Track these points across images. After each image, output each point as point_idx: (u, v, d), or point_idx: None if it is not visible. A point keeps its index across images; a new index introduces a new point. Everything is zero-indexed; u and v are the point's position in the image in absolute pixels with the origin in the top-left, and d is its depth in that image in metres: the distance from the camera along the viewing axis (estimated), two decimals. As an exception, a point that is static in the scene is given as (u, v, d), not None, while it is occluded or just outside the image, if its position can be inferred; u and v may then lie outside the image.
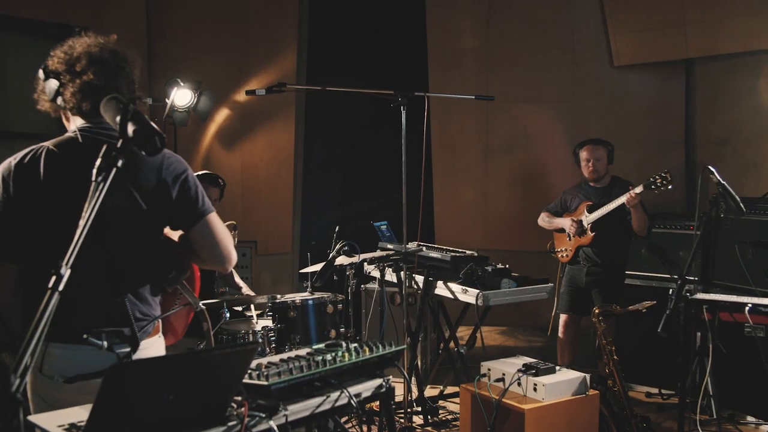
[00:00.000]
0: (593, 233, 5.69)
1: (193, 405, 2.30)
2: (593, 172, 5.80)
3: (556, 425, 4.05)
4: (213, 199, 5.71)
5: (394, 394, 3.41)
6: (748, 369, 4.90)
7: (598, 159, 5.80)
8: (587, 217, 5.71)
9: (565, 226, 5.85)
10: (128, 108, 2.08)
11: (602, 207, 5.61)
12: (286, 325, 4.93)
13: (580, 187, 6.00)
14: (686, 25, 6.76)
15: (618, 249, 5.76)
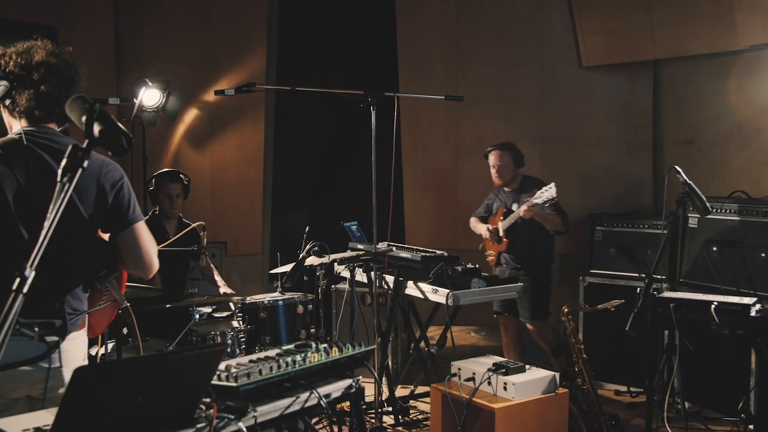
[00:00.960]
0: (507, 240, 5.82)
1: (162, 407, 2.28)
2: (498, 178, 5.95)
3: (526, 424, 4.07)
4: (175, 194, 5.70)
5: (364, 394, 3.41)
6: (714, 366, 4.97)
7: (501, 165, 5.90)
8: (502, 223, 5.80)
9: (483, 233, 6.00)
10: (94, 108, 2.07)
11: (511, 215, 5.75)
12: (256, 326, 4.91)
13: (499, 190, 6.11)
14: (653, 26, 6.82)
15: (537, 251, 5.86)
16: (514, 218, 5.68)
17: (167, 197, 5.69)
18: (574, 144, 7.50)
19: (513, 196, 5.95)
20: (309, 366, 2.93)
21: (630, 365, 5.84)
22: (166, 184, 5.71)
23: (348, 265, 5.41)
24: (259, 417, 2.65)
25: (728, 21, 6.29)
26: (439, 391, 4.33)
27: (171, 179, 5.75)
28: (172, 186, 5.72)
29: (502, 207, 5.94)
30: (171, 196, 5.70)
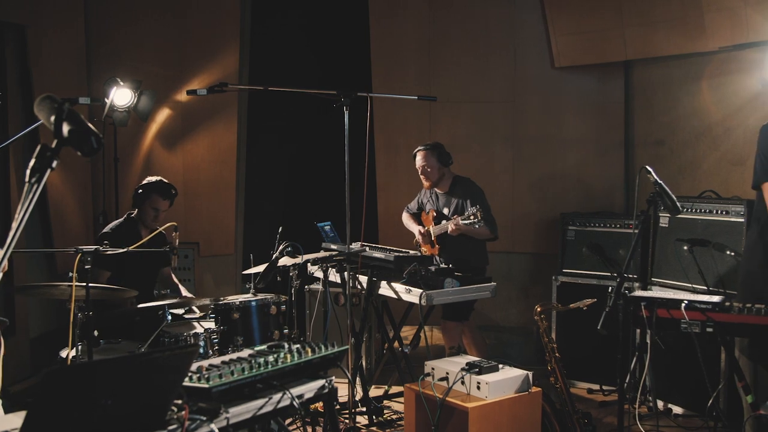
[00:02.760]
0: (439, 246, 5.85)
1: (133, 409, 2.26)
2: (425, 179, 5.93)
3: (500, 422, 4.09)
4: (162, 210, 5.63)
5: (338, 394, 3.40)
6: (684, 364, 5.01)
7: (426, 165, 5.87)
8: (433, 229, 5.84)
9: (415, 234, 6.03)
10: (63, 107, 2.04)
11: (440, 224, 5.74)
12: (228, 327, 4.88)
13: (431, 190, 6.10)
14: (624, 27, 6.87)
15: (468, 257, 5.82)
16: (443, 230, 5.69)
17: (153, 210, 5.60)
18: (547, 144, 7.54)
19: (444, 199, 5.94)
20: (281, 367, 2.92)
21: (602, 364, 5.88)
22: (158, 199, 5.60)
23: (321, 266, 5.40)
24: (231, 418, 2.64)
25: (697, 23, 6.36)
26: (413, 391, 4.33)
27: (163, 195, 5.63)
28: (163, 203, 5.63)
29: (433, 210, 5.93)
30: (158, 210, 5.61)
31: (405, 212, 6.34)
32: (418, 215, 6.20)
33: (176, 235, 5.02)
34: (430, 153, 5.88)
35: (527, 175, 7.37)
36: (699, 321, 3.33)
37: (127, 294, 4.63)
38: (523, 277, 7.30)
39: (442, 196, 5.97)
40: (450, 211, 5.81)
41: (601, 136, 7.49)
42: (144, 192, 5.59)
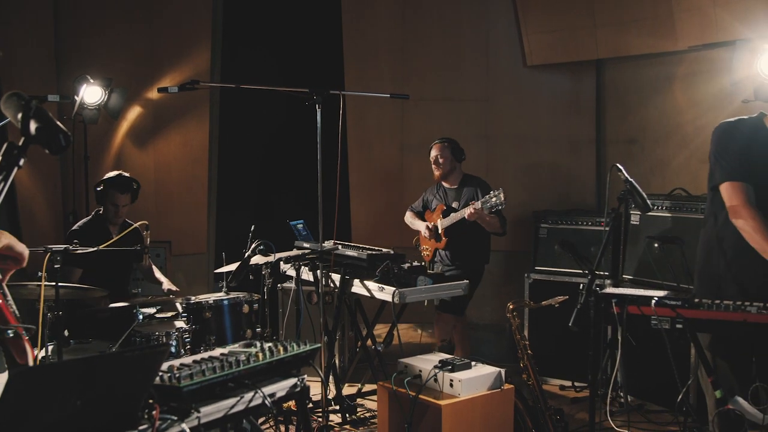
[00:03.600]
0: (446, 238, 5.90)
1: (103, 409, 2.24)
2: (437, 168, 6.08)
3: (473, 420, 4.10)
4: (122, 205, 5.58)
5: (310, 392, 3.39)
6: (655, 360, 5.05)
7: (440, 156, 6.05)
8: (441, 222, 5.86)
9: (421, 230, 6.10)
10: (30, 105, 2.02)
11: (452, 214, 5.83)
12: (201, 326, 4.86)
13: (437, 187, 6.21)
14: (596, 26, 6.92)
15: (473, 249, 5.95)
16: (456, 218, 5.73)
17: (113, 206, 5.56)
18: (519, 142, 7.57)
19: (453, 194, 6.03)
20: (253, 365, 2.91)
21: (574, 360, 5.93)
22: (115, 194, 5.56)
23: (294, 264, 5.38)
24: (202, 418, 2.63)
25: (668, 23, 6.41)
26: (386, 389, 4.33)
27: (121, 190, 5.57)
28: (121, 197, 5.58)
29: (441, 205, 6.00)
30: (117, 206, 5.57)
31: (409, 211, 6.43)
32: (422, 214, 6.29)
33: (147, 234, 4.99)
34: (445, 145, 6.08)
35: (500, 173, 7.39)
36: (669, 317, 3.36)
37: (97, 293, 4.59)
38: (496, 275, 7.33)
39: (451, 191, 6.08)
40: (460, 205, 5.88)
41: (573, 135, 7.53)
42: (103, 188, 5.56)
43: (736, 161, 3.72)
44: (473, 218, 5.59)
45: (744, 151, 3.70)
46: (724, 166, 3.72)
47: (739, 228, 3.64)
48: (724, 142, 3.75)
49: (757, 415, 3.32)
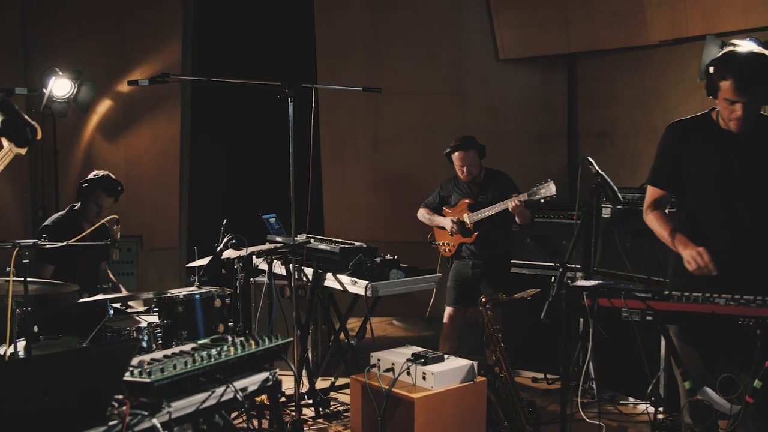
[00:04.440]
0: (476, 233, 5.75)
1: (72, 405, 2.22)
2: (468, 175, 5.80)
3: (445, 412, 4.11)
4: (105, 207, 5.52)
5: (281, 386, 3.39)
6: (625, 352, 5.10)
7: (471, 164, 5.78)
8: (470, 216, 5.75)
9: (446, 225, 5.84)
10: (-4, 97, 1.99)
11: (485, 208, 5.65)
12: (172, 321, 4.81)
13: (456, 181, 5.99)
14: (568, 20, 6.96)
15: (501, 241, 5.84)
16: (489, 212, 5.62)
17: (96, 206, 5.48)
18: (491, 136, 7.56)
19: (478, 188, 5.84)
20: (225, 360, 2.90)
21: (546, 353, 5.96)
22: (102, 196, 5.48)
23: (266, 258, 5.35)
24: (173, 413, 2.61)
25: (639, 17, 6.46)
26: (359, 383, 4.33)
27: (108, 192, 5.49)
28: (107, 199, 5.51)
29: (465, 199, 5.85)
30: (101, 207, 5.49)
31: (423, 208, 6.13)
32: (438, 210, 6.05)
33: (117, 228, 4.94)
34: (470, 152, 5.79)
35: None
36: (639, 309, 3.38)
37: (67, 288, 4.54)
38: (468, 268, 7.33)
39: (475, 186, 5.85)
40: (488, 198, 5.72)
41: (545, 128, 7.57)
42: (89, 187, 5.47)
43: (658, 164, 3.80)
44: (517, 210, 5.49)
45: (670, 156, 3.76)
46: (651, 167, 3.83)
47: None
48: (659, 144, 3.82)
49: (725, 405, 3.35)
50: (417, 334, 7.56)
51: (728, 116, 3.46)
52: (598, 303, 3.52)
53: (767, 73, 3.33)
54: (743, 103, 3.36)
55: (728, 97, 3.40)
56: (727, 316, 3.19)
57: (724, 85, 3.38)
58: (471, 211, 5.72)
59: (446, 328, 5.92)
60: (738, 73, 3.33)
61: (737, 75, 3.33)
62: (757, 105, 3.39)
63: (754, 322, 3.12)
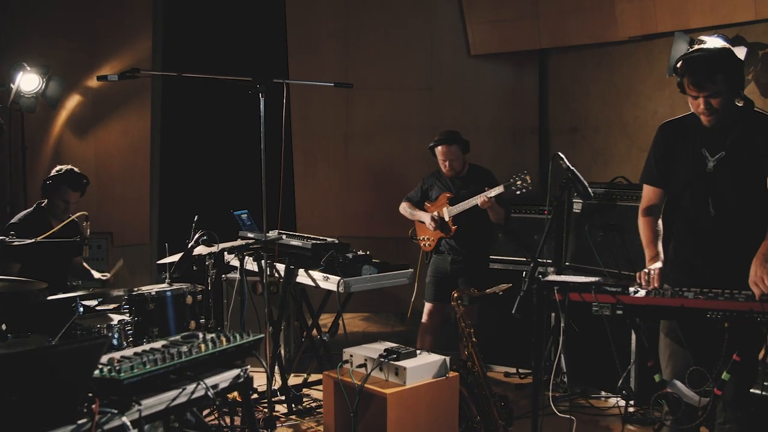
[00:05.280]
0: (455, 227, 5.76)
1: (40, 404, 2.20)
2: (450, 170, 5.82)
3: (418, 408, 4.12)
4: (72, 202, 5.47)
5: (253, 383, 3.37)
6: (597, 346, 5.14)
7: (453, 159, 5.80)
8: (449, 210, 5.76)
9: (425, 220, 5.84)
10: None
11: (462, 202, 5.66)
12: (143, 318, 4.78)
13: (439, 175, 6.01)
14: (539, 16, 6.99)
15: (480, 237, 5.85)
16: (467, 206, 5.62)
17: (63, 202, 5.43)
18: (463, 131, 7.57)
19: (460, 183, 5.84)
20: (195, 357, 2.89)
21: (518, 347, 6.00)
22: (68, 191, 5.42)
23: (238, 254, 5.33)
24: (144, 410, 2.59)
25: (609, 13, 6.51)
26: (332, 379, 4.32)
27: (73, 186, 5.43)
28: (73, 194, 5.45)
29: (446, 193, 5.86)
30: (68, 202, 5.44)
31: (405, 202, 6.11)
32: (420, 204, 6.05)
33: (87, 225, 4.89)
34: (454, 146, 5.80)
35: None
36: (609, 304, 3.41)
37: (35, 286, 4.49)
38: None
39: (458, 180, 5.86)
40: (468, 193, 5.73)
41: (517, 124, 7.60)
42: (54, 183, 5.42)
43: (648, 164, 3.88)
44: (486, 206, 5.51)
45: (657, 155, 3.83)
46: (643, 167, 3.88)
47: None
48: (652, 144, 3.87)
49: (694, 397, 3.39)
50: (390, 329, 7.57)
51: (696, 111, 3.53)
52: (569, 297, 3.54)
53: (721, 66, 3.41)
54: (704, 97, 3.44)
55: (690, 93, 3.50)
56: (696, 310, 3.23)
57: (685, 81, 3.48)
58: (451, 205, 5.74)
59: (425, 324, 5.94)
60: (693, 69, 3.43)
61: (692, 70, 3.43)
62: (722, 98, 3.43)
63: (721, 315, 3.17)
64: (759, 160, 3.47)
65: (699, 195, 3.62)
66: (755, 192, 3.49)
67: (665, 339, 3.77)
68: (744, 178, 3.51)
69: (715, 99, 3.42)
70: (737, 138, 3.51)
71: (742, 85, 3.51)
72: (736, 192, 3.54)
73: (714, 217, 3.58)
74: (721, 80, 3.39)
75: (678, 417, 3.54)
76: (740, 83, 3.48)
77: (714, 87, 3.40)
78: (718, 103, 3.44)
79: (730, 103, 3.48)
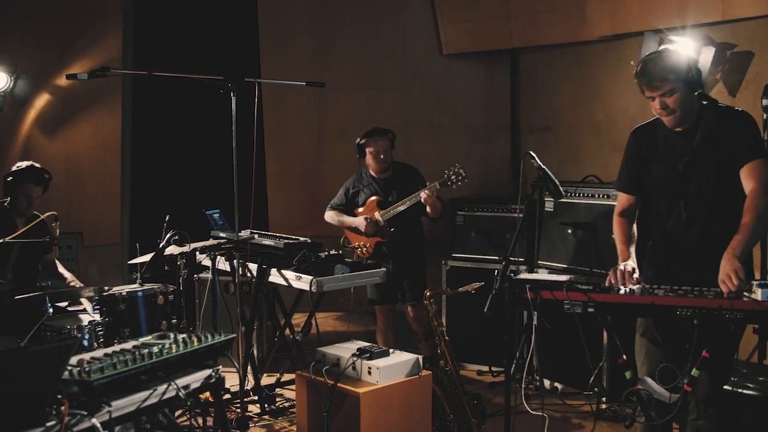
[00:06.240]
0: (392, 229, 5.79)
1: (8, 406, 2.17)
2: (383, 163, 5.83)
3: (391, 406, 4.12)
4: (35, 197, 5.41)
5: (225, 383, 3.36)
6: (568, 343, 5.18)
7: (386, 150, 5.82)
8: (382, 214, 5.78)
9: (359, 226, 5.83)
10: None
11: (396, 203, 5.69)
12: (114, 319, 4.75)
13: (362, 179, 5.99)
14: (510, 15, 7.01)
15: (417, 235, 5.93)
16: (403, 207, 5.65)
17: (25, 197, 5.36)
18: (435, 131, 7.64)
19: (385, 183, 5.87)
20: (166, 357, 2.87)
21: (491, 346, 6.02)
22: (29, 185, 5.36)
23: (210, 254, 5.30)
24: (114, 412, 2.57)
25: (579, 13, 6.55)
26: (304, 378, 4.32)
27: (35, 181, 5.36)
28: (35, 189, 5.38)
29: (375, 197, 5.87)
30: (30, 197, 5.37)
31: (330, 210, 6.08)
32: (347, 210, 6.01)
33: (56, 225, 4.85)
34: (385, 138, 5.82)
35: (416, 160, 7.40)
36: (581, 301, 3.43)
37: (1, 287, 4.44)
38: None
39: (384, 182, 5.87)
40: (397, 194, 5.73)
41: (489, 123, 7.63)
42: (14, 179, 5.35)
43: (621, 170, 3.91)
44: (430, 201, 5.49)
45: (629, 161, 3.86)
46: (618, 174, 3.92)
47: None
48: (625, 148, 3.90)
49: (665, 394, 3.43)
50: (363, 328, 7.57)
51: (656, 112, 3.58)
52: (541, 295, 3.56)
53: (671, 65, 3.46)
54: (659, 97, 3.49)
55: (647, 95, 3.55)
56: (666, 307, 3.26)
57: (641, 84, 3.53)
58: (381, 208, 5.76)
59: (380, 324, 6.02)
60: (644, 70, 3.50)
61: (643, 71, 3.50)
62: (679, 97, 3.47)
63: (691, 312, 3.19)
64: (727, 156, 3.50)
65: (671, 196, 3.66)
66: (725, 191, 3.53)
67: (641, 339, 3.81)
68: (714, 176, 3.55)
69: (669, 98, 3.47)
70: (704, 136, 3.54)
71: (699, 83, 3.54)
72: (708, 191, 3.57)
73: (686, 218, 3.61)
74: (673, 79, 3.43)
75: (649, 413, 3.57)
76: (695, 81, 3.51)
77: (666, 86, 3.45)
78: (674, 102, 3.47)
79: (689, 102, 3.51)
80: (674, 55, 3.52)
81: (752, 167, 3.45)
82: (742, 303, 3.12)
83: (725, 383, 3.69)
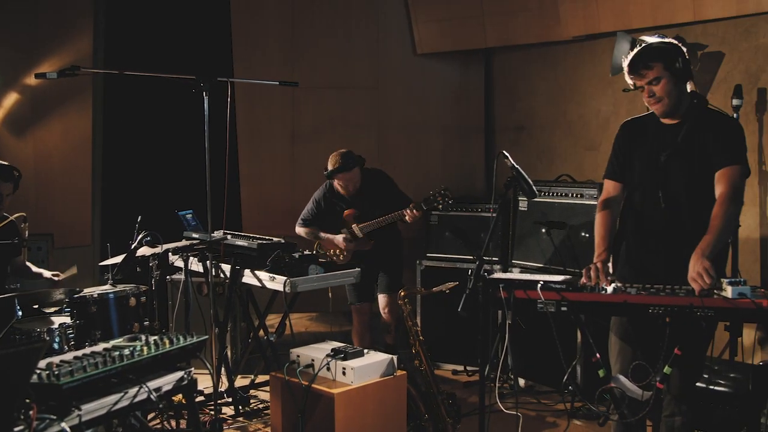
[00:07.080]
0: (372, 240, 5.84)
1: (-27, 411, 2.13)
2: (353, 190, 5.83)
3: (366, 407, 4.11)
4: (5, 194, 5.33)
5: (197, 385, 3.33)
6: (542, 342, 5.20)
7: (355, 181, 5.80)
8: (360, 228, 5.79)
9: (339, 244, 5.85)
10: None
11: (377, 219, 5.72)
12: (85, 321, 4.69)
13: (333, 193, 5.97)
14: (484, 15, 7.03)
15: (392, 237, 5.96)
16: (384, 223, 5.68)
17: None
18: (410, 130, 7.63)
19: (361, 197, 5.86)
20: (137, 360, 2.83)
21: (466, 345, 6.03)
22: None
23: (182, 255, 5.27)
24: (84, 415, 2.54)
25: (553, 13, 6.58)
26: (279, 379, 4.30)
27: (4, 178, 5.28)
28: (5, 186, 5.29)
29: (352, 210, 5.87)
30: (1, 195, 5.28)
31: (300, 226, 6.06)
32: (317, 223, 6.01)
33: (26, 227, 4.79)
34: (353, 172, 5.76)
35: (391, 160, 7.43)
36: (554, 300, 3.44)
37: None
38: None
39: (355, 195, 5.87)
40: (370, 203, 5.73)
41: (463, 122, 7.64)
42: None
43: (610, 160, 3.92)
44: (412, 220, 5.59)
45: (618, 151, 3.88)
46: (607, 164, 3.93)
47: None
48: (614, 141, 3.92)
49: (637, 391, 3.44)
50: (338, 329, 7.54)
51: (646, 103, 3.60)
52: (515, 295, 3.56)
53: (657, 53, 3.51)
54: (646, 85, 3.53)
55: (635, 85, 3.58)
56: (638, 306, 3.27)
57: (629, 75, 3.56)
58: (359, 222, 5.76)
59: (356, 324, 6.00)
60: (631, 60, 3.54)
61: (630, 61, 3.54)
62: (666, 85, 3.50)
63: (663, 310, 3.21)
64: (707, 158, 3.53)
65: (651, 188, 3.68)
66: (703, 188, 3.55)
67: (614, 337, 3.83)
68: (693, 174, 3.57)
69: (656, 85, 3.50)
70: (688, 133, 3.57)
71: (687, 73, 3.57)
72: (685, 186, 3.60)
73: (664, 211, 3.63)
74: (661, 68, 3.47)
75: (622, 411, 3.59)
76: (684, 71, 3.54)
77: (652, 73, 3.48)
78: (662, 90, 3.50)
79: (677, 91, 3.54)
80: (662, 45, 3.55)
81: (726, 172, 3.48)
82: (713, 301, 3.14)
83: (698, 380, 3.72)
